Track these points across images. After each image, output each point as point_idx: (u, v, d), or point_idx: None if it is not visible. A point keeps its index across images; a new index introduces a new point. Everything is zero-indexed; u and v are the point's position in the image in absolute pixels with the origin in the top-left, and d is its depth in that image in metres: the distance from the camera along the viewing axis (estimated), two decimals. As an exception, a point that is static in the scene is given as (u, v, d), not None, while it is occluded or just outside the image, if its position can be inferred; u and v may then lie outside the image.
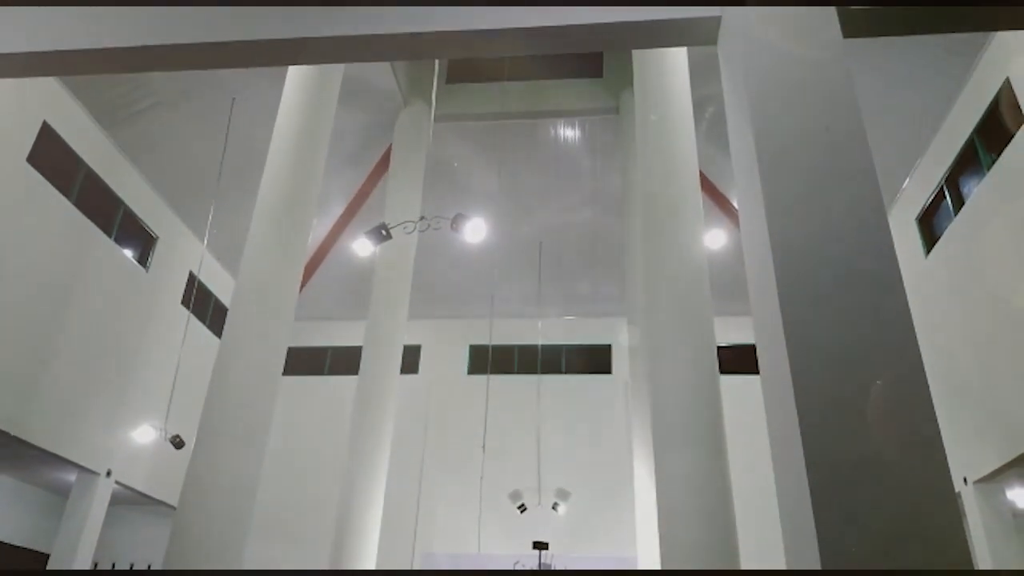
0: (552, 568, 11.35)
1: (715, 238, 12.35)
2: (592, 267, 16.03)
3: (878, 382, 2.59)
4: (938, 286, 10.89)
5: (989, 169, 9.50)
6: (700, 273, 7.92)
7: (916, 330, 2.83)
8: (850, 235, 2.90)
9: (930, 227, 11.46)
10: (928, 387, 2.75)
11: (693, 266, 7.90)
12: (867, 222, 2.92)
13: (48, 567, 10.69)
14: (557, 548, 11.98)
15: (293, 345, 9.52)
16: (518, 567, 13.41)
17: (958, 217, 10.38)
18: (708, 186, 13.93)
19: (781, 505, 2.78)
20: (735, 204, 13.42)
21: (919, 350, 2.78)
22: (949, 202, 10.75)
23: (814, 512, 2.41)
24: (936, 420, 2.66)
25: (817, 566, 2.34)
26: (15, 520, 12.33)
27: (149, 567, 13.48)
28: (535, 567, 10.18)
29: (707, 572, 6.00)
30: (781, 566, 2.99)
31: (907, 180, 11.89)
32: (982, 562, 9.48)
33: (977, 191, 9.83)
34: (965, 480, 9.94)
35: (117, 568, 13.79)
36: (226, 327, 8.07)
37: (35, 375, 9.92)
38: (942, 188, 10.92)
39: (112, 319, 11.57)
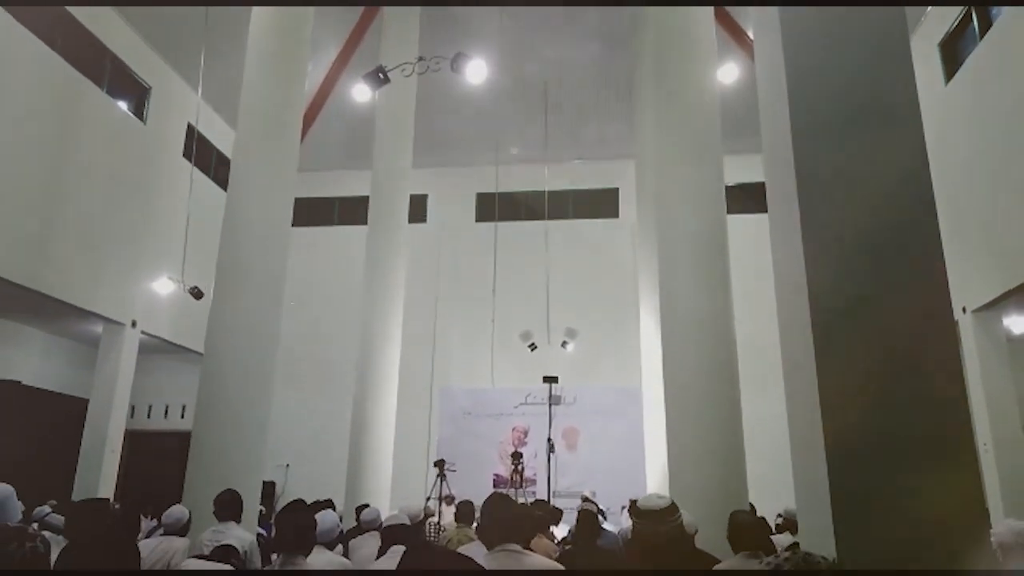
0: (561, 399, 12.01)
1: (728, 72, 11.85)
2: (599, 108, 15.55)
3: (887, 215, 2.60)
4: (955, 114, 10.56)
5: (1022, -13, 8.91)
6: (711, 110, 7.69)
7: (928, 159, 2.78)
8: (869, 64, 2.79)
9: (953, 53, 10.93)
10: (937, 222, 2.75)
11: (704, 102, 7.66)
12: (888, 51, 2.80)
13: (88, 412, 11.39)
14: (566, 381, 12.59)
15: (300, 196, 9.51)
16: (530, 399, 14.21)
17: (983, 41, 9.88)
18: (723, 15, 13.17)
19: (782, 336, 2.89)
20: (751, 35, 12.74)
21: (931, 185, 2.76)
22: (975, 25, 10.18)
23: (814, 340, 2.52)
24: (942, 254, 2.69)
25: (815, 395, 2.48)
26: (51, 370, 12.99)
27: (184, 408, 14.34)
28: (545, 399, 10.77)
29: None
30: (779, 399, 3.16)
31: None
32: (974, 387, 9.93)
33: (1006, 12, 9.28)
34: (964, 309, 10.19)
35: (154, 409, 14.69)
36: (231, 178, 8.04)
37: (47, 231, 10.03)
38: (969, 10, 10.30)
39: (115, 174, 11.51)
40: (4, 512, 2.47)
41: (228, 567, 4.31)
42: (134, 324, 11.79)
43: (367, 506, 7.52)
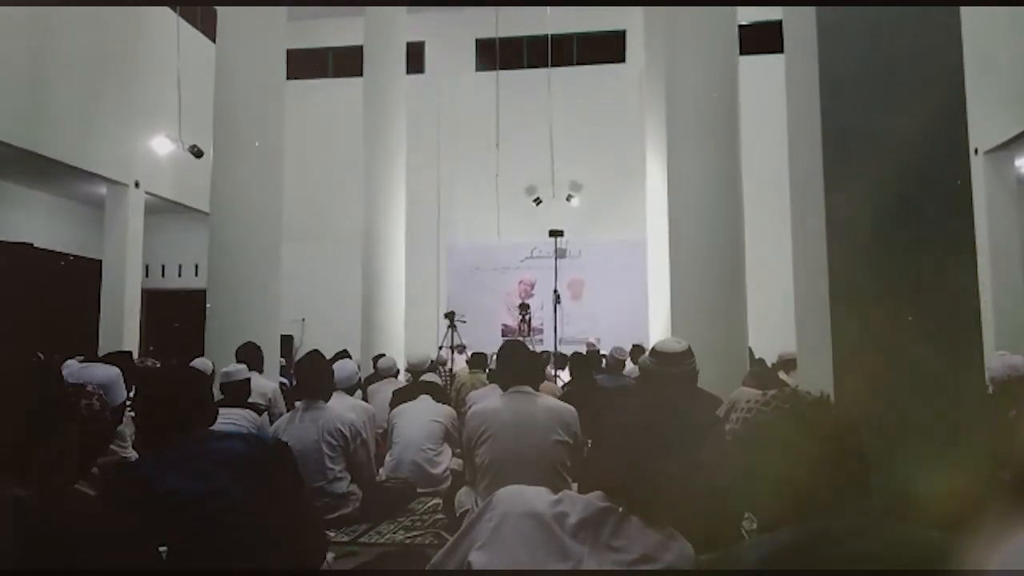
0: (566, 252, 12.14)
1: None
2: (605, -60, 14.49)
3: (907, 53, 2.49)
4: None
5: None
6: (726, -61, 7.18)
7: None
8: None
9: None
10: (962, 62, 2.65)
11: (718, -69, 7.12)
12: None
13: (103, 273, 11.59)
14: (571, 235, 12.67)
15: (292, 47, 9.11)
16: (536, 253, 14.37)
17: None
18: None
19: (792, 175, 2.85)
20: None
21: (960, 18, 2.63)
22: None
23: (824, 181, 2.49)
24: (964, 95, 2.61)
25: (822, 228, 2.48)
26: (61, 232, 13.08)
27: (197, 267, 14.56)
28: (551, 252, 10.88)
29: None
30: (785, 248, 3.18)
31: None
32: (979, 229, 9.92)
33: None
34: (976, 151, 10.00)
35: (168, 269, 14.96)
36: (218, 30, 7.76)
37: (39, 92, 9.71)
38: None
39: (99, 28, 10.96)
40: (111, 393, 2.54)
41: (253, 413, 4.56)
42: (137, 184, 11.72)
43: (383, 355, 7.85)
